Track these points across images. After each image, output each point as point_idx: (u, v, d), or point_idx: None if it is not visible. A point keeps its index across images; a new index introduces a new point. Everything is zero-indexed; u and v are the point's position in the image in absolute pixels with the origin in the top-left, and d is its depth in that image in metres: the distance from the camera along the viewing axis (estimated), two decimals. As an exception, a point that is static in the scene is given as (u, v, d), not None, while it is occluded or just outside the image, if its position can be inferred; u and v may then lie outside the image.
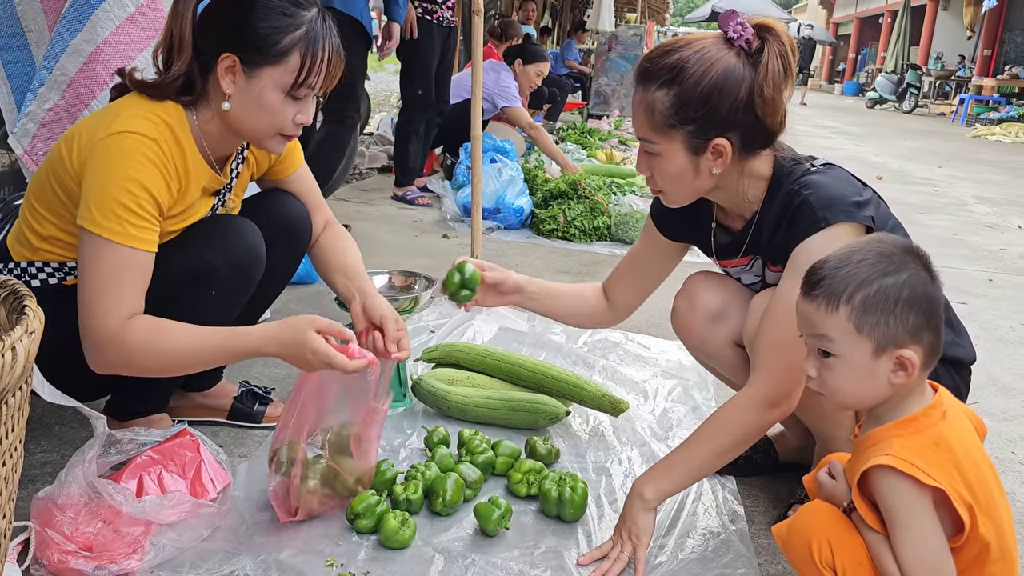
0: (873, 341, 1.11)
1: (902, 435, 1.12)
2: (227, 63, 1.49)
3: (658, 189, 1.55)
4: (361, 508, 1.53)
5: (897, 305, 1.10)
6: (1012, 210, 6.27)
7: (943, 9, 22.69)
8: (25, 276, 1.57)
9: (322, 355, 1.42)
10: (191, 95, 1.53)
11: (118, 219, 1.40)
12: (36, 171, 1.57)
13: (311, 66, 1.51)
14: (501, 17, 7.96)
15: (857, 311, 1.11)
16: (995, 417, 2.35)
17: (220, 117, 1.55)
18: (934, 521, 1.07)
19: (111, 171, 1.41)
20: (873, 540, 1.12)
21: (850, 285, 1.11)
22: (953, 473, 1.07)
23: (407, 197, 4.93)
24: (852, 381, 1.15)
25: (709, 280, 1.76)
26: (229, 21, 1.49)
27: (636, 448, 1.98)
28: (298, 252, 1.85)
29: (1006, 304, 3.59)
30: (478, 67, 3.05)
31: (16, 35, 2.03)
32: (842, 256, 1.15)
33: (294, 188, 1.85)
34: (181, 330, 1.45)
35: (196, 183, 1.57)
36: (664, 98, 1.41)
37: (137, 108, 1.48)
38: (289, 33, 1.49)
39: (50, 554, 1.32)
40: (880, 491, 1.10)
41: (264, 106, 1.51)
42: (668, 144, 1.44)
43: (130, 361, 1.44)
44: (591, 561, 1.50)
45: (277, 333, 1.45)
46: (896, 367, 1.12)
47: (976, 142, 12.74)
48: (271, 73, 1.49)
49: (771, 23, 1.42)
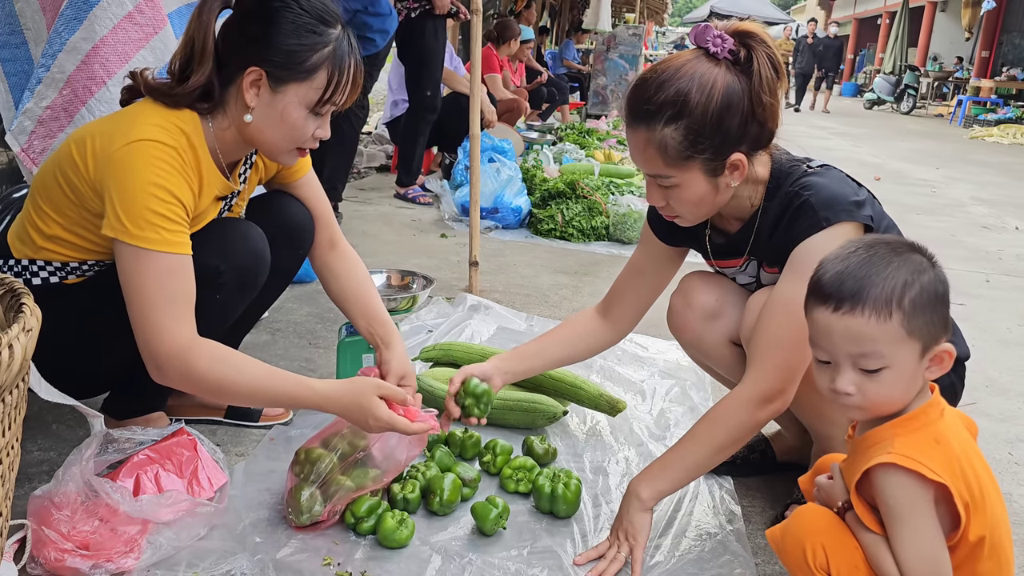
0: (921, 342, 1.10)
1: (903, 433, 1.11)
2: (253, 76, 1.48)
3: (675, 215, 1.52)
4: (363, 511, 1.53)
5: (935, 301, 1.10)
6: (1009, 211, 6.27)
7: (941, 10, 22.69)
8: (26, 274, 1.56)
9: (384, 422, 1.45)
10: (208, 103, 1.53)
11: (152, 227, 1.39)
12: (40, 169, 1.56)
13: (337, 84, 1.52)
14: (499, 17, 7.95)
15: (908, 315, 1.08)
16: (992, 418, 2.35)
17: (238, 127, 1.54)
18: (934, 519, 1.08)
19: (135, 180, 1.40)
20: (870, 541, 1.12)
21: (896, 289, 1.08)
22: (954, 469, 1.08)
23: (410, 195, 4.94)
24: (901, 388, 1.12)
25: (705, 279, 1.76)
26: (256, 35, 1.48)
27: (633, 448, 1.98)
28: (299, 255, 1.85)
29: (1003, 305, 3.59)
30: (477, 67, 3.05)
31: (14, 32, 2.03)
32: (863, 262, 1.11)
33: (300, 194, 1.85)
34: (249, 368, 1.44)
35: (209, 190, 1.57)
36: (675, 133, 1.38)
37: (154, 116, 1.48)
38: (317, 51, 1.49)
39: (47, 552, 1.32)
40: (882, 489, 1.09)
41: (287, 121, 1.52)
42: (686, 175, 1.42)
43: (191, 385, 1.44)
44: (587, 561, 1.50)
45: (342, 396, 1.46)
46: (932, 363, 1.12)
47: (974, 143, 12.76)
48: (297, 89, 1.50)
49: (749, 28, 1.40)
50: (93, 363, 1.63)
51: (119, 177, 1.40)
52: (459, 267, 3.48)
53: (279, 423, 1.96)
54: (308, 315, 2.74)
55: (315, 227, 1.84)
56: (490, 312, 2.89)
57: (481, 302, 2.95)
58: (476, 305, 2.93)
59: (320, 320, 2.70)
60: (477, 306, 2.92)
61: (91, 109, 1.97)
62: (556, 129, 7.49)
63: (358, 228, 4.10)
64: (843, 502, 1.18)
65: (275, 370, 1.47)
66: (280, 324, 2.63)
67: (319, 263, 1.87)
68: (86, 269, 1.58)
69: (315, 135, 1.56)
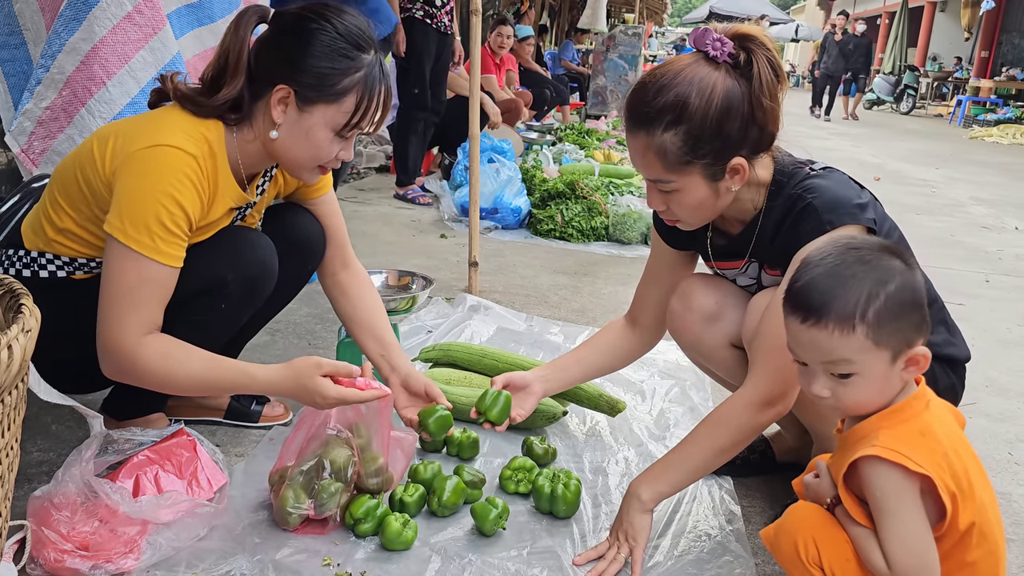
0: (891, 350, 1.12)
1: (888, 426, 1.13)
2: (281, 94, 1.49)
3: (676, 219, 1.52)
4: (361, 512, 1.52)
5: (904, 308, 1.11)
6: (1009, 211, 6.28)
7: (941, 11, 22.70)
8: (35, 266, 1.57)
9: (332, 398, 1.44)
10: (236, 115, 1.53)
11: (149, 233, 1.40)
12: (61, 162, 1.57)
13: (365, 109, 1.53)
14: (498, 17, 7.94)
15: (873, 327, 1.10)
16: (991, 418, 2.35)
17: (263, 142, 1.55)
18: (920, 510, 1.09)
19: (148, 184, 1.40)
20: (858, 534, 1.14)
21: (860, 303, 1.10)
22: (939, 461, 1.09)
23: (409, 196, 4.93)
24: (873, 392, 1.15)
25: (704, 281, 1.76)
26: (289, 55, 1.49)
27: (633, 448, 1.98)
28: (307, 270, 1.85)
29: (1003, 305, 3.59)
30: (476, 67, 3.05)
31: (13, 33, 2.03)
32: (828, 273, 1.13)
33: (317, 211, 1.85)
34: (192, 359, 1.45)
35: (223, 200, 1.57)
36: (674, 138, 1.38)
37: (180, 121, 1.48)
38: (349, 75, 1.50)
39: (46, 553, 1.32)
40: (868, 481, 1.11)
41: (312, 141, 1.52)
42: (686, 179, 1.42)
43: (137, 377, 1.45)
44: (587, 561, 1.50)
45: (284, 380, 1.46)
46: (908, 365, 1.14)
47: (973, 143, 12.76)
48: (324, 111, 1.50)
49: (749, 31, 1.40)
50: (92, 359, 1.63)
51: (132, 178, 1.41)
52: (459, 267, 3.48)
53: (279, 424, 1.96)
54: (308, 315, 2.74)
55: (327, 245, 1.84)
56: (490, 312, 2.89)
57: (481, 302, 2.95)
58: (476, 305, 2.93)
59: (320, 320, 2.70)
60: (477, 306, 2.92)
61: (90, 110, 1.97)
62: (556, 129, 7.48)
63: (358, 228, 4.10)
64: (832, 497, 1.19)
65: (218, 361, 1.47)
66: (279, 325, 2.63)
67: (329, 282, 1.88)
68: (94, 266, 1.58)
69: (339, 156, 1.57)
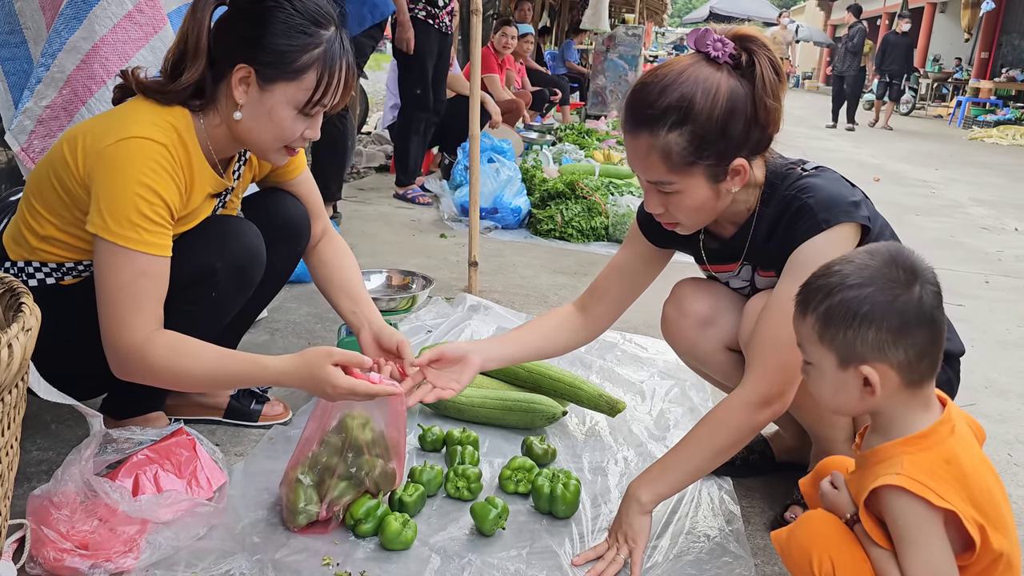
0: (835, 353, 1.12)
1: (912, 452, 1.10)
2: (241, 74, 1.49)
3: (674, 222, 1.50)
4: (361, 512, 1.52)
5: (855, 319, 1.09)
6: (1008, 212, 6.28)
7: (941, 12, 22.71)
8: (22, 276, 1.56)
9: (343, 388, 1.40)
10: (200, 100, 1.53)
11: (133, 226, 1.40)
12: (34, 169, 1.56)
13: (327, 86, 1.52)
14: (498, 17, 7.93)
15: (820, 321, 1.12)
16: (991, 419, 2.35)
17: (228, 124, 1.55)
18: (944, 540, 1.06)
19: (122, 177, 1.40)
20: (878, 556, 1.11)
21: (820, 295, 1.12)
22: (963, 492, 1.06)
23: (409, 196, 4.94)
24: (827, 389, 1.16)
25: (698, 286, 1.75)
26: (247, 34, 1.48)
27: (632, 448, 1.98)
28: (296, 252, 1.85)
29: (1002, 306, 3.59)
30: (476, 67, 3.05)
31: (14, 32, 2.03)
32: (828, 265, 1.16)
33: (296, 191, 1.85)
34: (203, 353, 1.44)
35: (201, 187, 1.57)
36: (679, 139, 1.36)
37: (146, 113, 1.48)
38: (307, 52, 1.49)
39: (46, 552, 1.32)
40: (890, 510, 1.08)
41: (275, 120, 1.52)
42: (688, 181, 1.40)
43: (150, 376, 1.45)
44: (586, 561, 1.50)
45: (296, 370, 1.44)
46: (864, 383, 1.11)
47: (973, 144, 12.77)
48: (285, 89, 1.49)
49: (750, 32, 1.40)
50: (92, 363, 1.62)
51: (107, 174, 1.41)
52: (458, 267, 3.48)
53: (278, 423, 1.96)
54: (307, 315, 2.74)
55: (311, 223, 1.84)
56: (489, 312, 2.89)
57: (480, 302, 2.95)
58: (475, 305, 2.93)
59: (319, 320, 2.70)
60: (476, 306, 2.92)
61: (91, 108, 1.97)
62: (556, 129, 7.48)
63: (358, 228, 4.10)
64: (851, 514, 1.17)
65: (229, 353, 1.47)
66: (279, 324, 2.63)
67: (309, 252, 1.88)
68: (82, 270, 1.58)
69: (304, 135, 1.56)
